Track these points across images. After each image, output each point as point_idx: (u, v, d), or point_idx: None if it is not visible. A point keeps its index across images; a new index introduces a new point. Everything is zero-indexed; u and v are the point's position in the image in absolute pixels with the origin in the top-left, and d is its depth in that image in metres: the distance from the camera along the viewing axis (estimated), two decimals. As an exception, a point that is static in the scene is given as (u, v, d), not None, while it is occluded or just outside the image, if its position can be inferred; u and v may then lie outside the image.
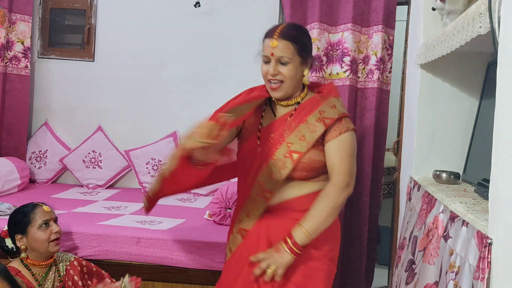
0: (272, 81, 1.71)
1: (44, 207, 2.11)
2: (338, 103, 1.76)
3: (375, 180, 2.99)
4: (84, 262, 2.21)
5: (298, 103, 1.77)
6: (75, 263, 2.17)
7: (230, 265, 1.80)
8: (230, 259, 1.80)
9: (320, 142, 1.71)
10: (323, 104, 1.73)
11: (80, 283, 2.11)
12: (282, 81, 1.70)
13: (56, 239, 2.07)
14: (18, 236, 2.06)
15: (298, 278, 1.65)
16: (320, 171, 1.72)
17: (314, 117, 1.70)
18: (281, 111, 1.80)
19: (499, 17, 1.02)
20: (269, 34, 1.71)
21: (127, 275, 2.12)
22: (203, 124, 1.52)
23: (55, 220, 2.13)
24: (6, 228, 2.12)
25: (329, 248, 1.75)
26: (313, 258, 1.68)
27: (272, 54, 1.67)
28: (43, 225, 2.05)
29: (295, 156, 1.67)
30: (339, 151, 1.68)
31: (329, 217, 1.64)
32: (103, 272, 2.24)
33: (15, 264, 2.05)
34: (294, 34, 1.71)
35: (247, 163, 1.77)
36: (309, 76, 1.84)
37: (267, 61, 1.70)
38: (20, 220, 2.08)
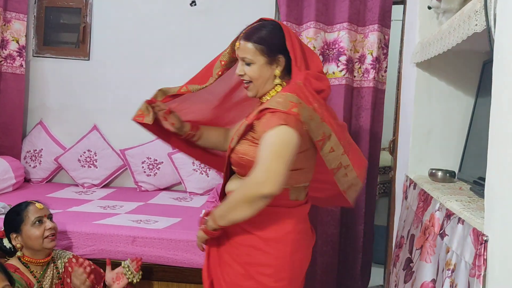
0: (242, 80, 1.73)
1: (37, 204, 2.11)
2: (281, 98, 1.57)
3: (371, 179, 3.00)
4: (81, 260, 2.20)
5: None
6: (74, 260, 2.17)
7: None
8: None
9: (252, 138, 1.62)
10: (269, 101, 1.64)
11: (89, 285, 2.11)
12: (250, 81, 1.69)
13: (51, 235, 2.07)
14: (13, 235, 2.06)
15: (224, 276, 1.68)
16: (250, 168, 1.56)
17: (255, 111, 1.65)
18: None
19: (495, 15, 1.02)
20: (238, 35, 1.75)
21: (128, 259, 2.16)
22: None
23: (49, 217, 2.13)
24: (2, 228, 2.12)
25: (251, 259, 1.64)
26: (239, 274, 1.65)
27: (237, 55, 1.71)
28: (36, 222, 2.06)
29: (228, 150, 1.71)
30: (262, 147, 1.52)
31: (237, 209, 1.52)
32: (101, 270, 2.23)
33: (13, 262, 2.05)
34: (258, 35, 1.67)
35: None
36: None
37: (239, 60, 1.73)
38: (13, 219, 2.08)
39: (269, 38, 1.67)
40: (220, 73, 1.87)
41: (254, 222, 1.59)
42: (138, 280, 2.18)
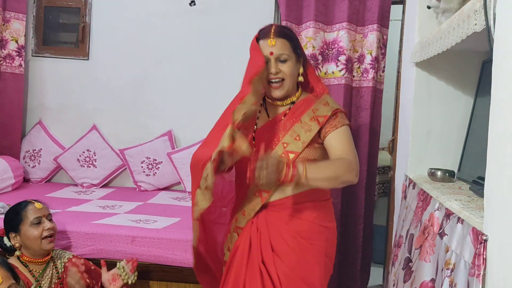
0: (273, 80, 1.72)
1: (36, 204, 2.10)
2: (330, 100, 1.78)
3: (370, 178, 3.00)
4: (82, 261, 2.20)
5: (293, 102, 1.79)
6: (74, 260, 2.16)
7: (230, 263, 1.80)
8: (230, 258, 1.81)
9: (315, 140, 1.72)
10: (316, 102, 1.75)
11: (84, 285, 2.11)
12: (283, 79, 1.72)
13: (50, 236, 2.06)
14: (12, 234, 2.06)
15: (296, 268, 1.69)
16: None
17: (308, 116, 1.72)
18: (275, 111, 1.81)
19: (494, 14, 1.02)
20: (264, 35, 1.72)
21: (124, 260, 2.16)
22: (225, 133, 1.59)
23: (49, 217, 2.13)
24: (3, 226, 2.12)
25: (326, 245, 1.76)
26: (310, 252, 1.71)
27: (272, 53, 1.69)
28: (35, 222, 2.05)
29: (291, 156, 1.68)
30: (340, 140, 1.69)
31: (326, 180, 1.59)
32: (100, 270, 2.23)
33: (12, 261, 2.04)
34: (287, 32, 1.76)
35: (243, 165, 1.74)
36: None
37: (266, 61, 1.71)
38: (12, 218, 2.08)
39: (295, 36, 1.79)
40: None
41: (322, 216, 1.76)
42: (133, 281, 2.18)
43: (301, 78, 1.78)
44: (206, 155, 1.65)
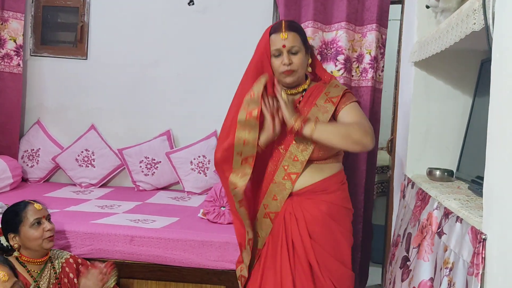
0: (285, 72, 1.84)
1: (36, 205, 2.09)
2: (339, 83, 1.96)
3: (369, 178, 3.00)
4: (79, 260, 2.20)
5: (305, 90, 1.93)
6: (71, 260, 2.16)
7: (266, 252, 1.90)
8: (267, 244, 1.90)
9: (332, 121, 1.85)
10: (327, 87, 1.90)
11: (75, 280, 2.10)
12: (293, 71, 1.84)
13: (50, 236, 2.06)
14: (10, 235, 2.05)
15: (330, 249, 1.85)
16: (333, 149, 1.84)
17: (322, 99, 1.86)
18: (289, 99, 1.90)
19: (493, 14, 1.02)
20: (276, 30, 1.85)
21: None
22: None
23: (48, 218, 2.12)
24: (0, 226, 2.11)
25: (350, 225, 1.98)
26: (340, 232, 1.89)
27: (284, 46, 1.82)
28: (35, 223, 2.04)
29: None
30: (351, 113, 1.82)
31: (339, 136, 1.71)
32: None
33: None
34: (297, 26, 1.91)
35: (266, 151, 1.87)
36: None
37: (278, 54, 1.84)
38: (11, 219, 2.06)
39: (303, 30, 1.93)
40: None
41: (346, 199, 1.94)
42: (112, 285, 2.15)
43: (309, 69, 1.93)
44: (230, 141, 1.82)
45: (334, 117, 1.85)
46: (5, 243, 2.08)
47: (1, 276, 1.51)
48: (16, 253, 2.05)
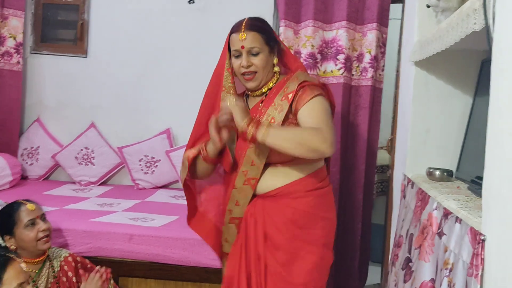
0: (246, 73, 1.76)
1: (28, 205, 2.05)
2: (301, 75, 1.77)
3: (368, 177, 2.99)
4: (78, 258, 2.19)
5: (270, 89, 1.82)
6: (70, 259, 2.15)
7: (233, 254, 1.83)
8: (232, 250, 1.83)
9: (290, 120, 1.73)
10: (288, 81, 1.77)
11: (74, 279, 2.09)
12: (255, 72, 1.76)
13: (46, 236, 2.04)
14: (6, 237, 2.04)
15: (283, 257, 1.71)
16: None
17: (280, 96, 1.73)
18: (253, 101, 1.86)
19: (494, 13, 1.01)
20: (235, 29, 1.77)
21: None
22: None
23: (43, 217, 2.09)
24: None
25: (322, 234, 1.77)
26: (298, 238, 1.73)
27: (243, 47, 1.73)
28: (29, 224, 2.01)
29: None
30: (310, 114, 1.67)
31: (292, 142, 1.59)
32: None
33: None
34: (259, 25, 1.79)
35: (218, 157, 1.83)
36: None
37: (237, 55, 1.76)
38: (5, 222, 2.04)
39: (268, 28, 1.82)
40: (233, 80, 1.85)
41: (320, 205, 1.77)
42: None
43: (277, 68, 1.82)
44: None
45: (291, 113, 1.72)
46: (3, 244, 2.07)
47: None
48: (13, 254, 2.03)
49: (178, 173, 3.34)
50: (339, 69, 2.86)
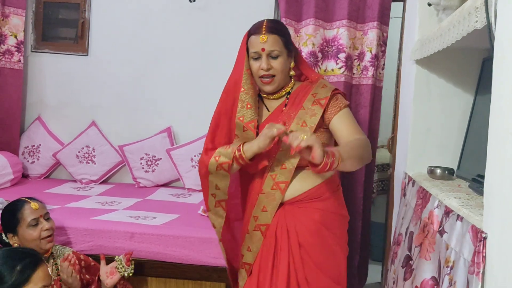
0: (264, 76, 1.75)
1: (32, 204, 2.05)
2: (327, 83, 1.82)
3: (368, 176, 3.00)
4: (82, 256, 2.20)
5: (289, 93, 1.82)
6: (70, 257, 2.15)
7: (258, 267, 1.78)
8: (258, 262, 1.78)
9: (320, 124, 1.75)
10: (314, 87, 1.78)
11: (77, 277, 2.10)
12: (273, 76, 1.75)
13: (49, 235, 2.04)
14: (9, 235, 2.04)
15: (319, 259, 1.73)
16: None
17: (309, 101, 1.74)
18: (273, 104, 1.84)
19: (495, 11, 1.01)
20: (255, 31, 1.75)
21: (122, 254, 2.16)
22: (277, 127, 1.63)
23: (46, 216, 2.09)
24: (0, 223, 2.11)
25: (345, 233, 1.86)
26: (327, 239, 1.76)
27: (263, 49, 1.72)
28: (33, 224, 2.02)
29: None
30: (346, 122, 1.72)
31: (357, 162, 1.62)
32: (99, 266, 2.23)
33: None
34: (279, 28, 1.78)
35: (252, 161, 1.74)
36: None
37: (257, 57, 1.75)
38: (8, 220, 2.04)
39: (287, 31, 1.81)
40: (252, 82, 1.80)
41: (340, 205, 1.82)
42: (130, 274, 2.17)
43: (292, 73, 1.82)
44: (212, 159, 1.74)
45: (323, 119, 1.74)
46: (6, 240, 2.07)
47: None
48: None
49: (178, 171, 3.35)
50: (340, 68, 2.86)
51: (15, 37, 3.44)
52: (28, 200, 2.09)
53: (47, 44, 3.57)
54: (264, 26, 1.73)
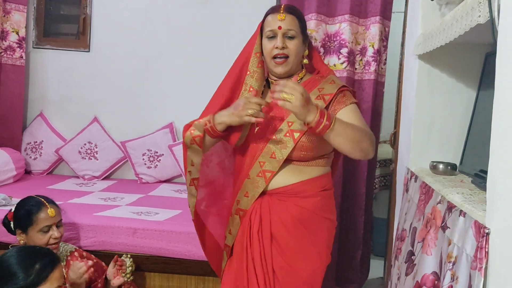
0: (278, 56, 1.71)
1: (49, 210, 2.05)
2: (336, 79, 1.77)
3: (370, 171, 3.00)
4: (84, 254, 2.21)
5: (298, 81, 1.77)
6: (76, 254, 2.17)
7: (235, 250, 1.79)
8: (235, 245, 1.79)
9: None
10: (322, 82, 1.74)
11: (86, 279, 2.10)
12: (287, 57, 1.71)
13: (55, 243, 2.05)
14: (18, 231, 2.05)
15: (291, 257, 1.69)
16: (319, 152, 1.70)
17: (313, 95, 1.68)
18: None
19: (498, 6, 1.01)
20: (273, 10, 1.73)
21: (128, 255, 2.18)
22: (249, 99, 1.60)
23: (59, 224, 2.09)
24: (13, 210, 2.10)
25: (327, 236, 1.78)
26: (305, 239, 1.72)
27: (280, 28, 1.68)
28: (44, 230, 2.03)
29: (296, 135, 1.65)
30: (353, 116, 1.66)
31: (353, 141, 1.56)
32: (103, 264, 2.24)
33: None
34: (298, 11, 1.77)
35: (245, 144, 1.74)
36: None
37: (272, 36, 1.70)
38: (23, 218, 2.04)
39: (304, 18, 1.78)
40: (260, 65, 1.77)
41: (325, 207, 1.75)
42: (129, 279, 2.18)
43: (305, 61, 1.79)
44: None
45: None
46: (14, 232, 2.08)
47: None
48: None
49: (181, 167, 3.35)
50: (342, 63, 2.85)
51: (17, 33, 3.44)
52: (47, 204, 2.08)
53: (48, 40, 3.57)
54: (283, 6, 1.72)
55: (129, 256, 2.22)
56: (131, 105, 3.54)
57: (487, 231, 0.99)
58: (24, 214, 2.04)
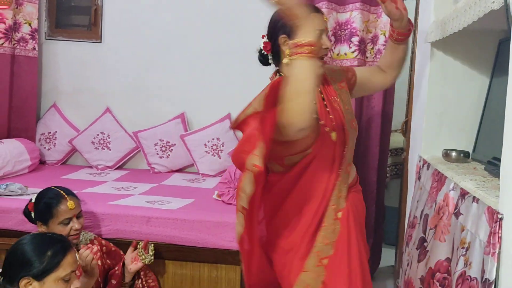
0: (324, 56, 1.74)
1: (69, 203, 2.07)
2: (329, 66, 1.96)
3: (382, 160, 3.00)
4: (103, 242, 2.24)
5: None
6: (95, 242, 2.20)
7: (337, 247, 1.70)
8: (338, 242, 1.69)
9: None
10: (328, 76, 1.81)
11: (99, 262, 2.14)
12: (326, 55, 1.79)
13: (75, 235, 2.08)
14: (39, 223, 2.08)
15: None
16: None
17: (334, 83, 1.80)
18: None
19: (513, -8, 1.00)
20: (317, 10, 1.73)
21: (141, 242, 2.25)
22: None
23: (79, 215, 2.12)
24: (33, 200, 2.13)
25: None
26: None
27: (326, 29, 1.73)
28: (65, 223, 2.06)
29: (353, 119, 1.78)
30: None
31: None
32: (121, 252, 2.28)
33: None
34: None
35: (325, 141, 1.64)
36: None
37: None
38: (43, 211, 2.07)
39: None
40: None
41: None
42: (150, 262, 2.23)
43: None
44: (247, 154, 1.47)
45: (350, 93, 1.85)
46: (35, 222, 2.12)
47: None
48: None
49: (192, 157, 3.37)
50: (353, 52, 2.85)
51: (29, 24, 3.47)
52: (66, 196, 2.10)
53: (60, 31, 3.60)
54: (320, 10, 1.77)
55: (150, 242, 2.27)
56: (143, 96, 3.56)
57: (500, 216, 0.99)
58: (44, 207, 2.07)
